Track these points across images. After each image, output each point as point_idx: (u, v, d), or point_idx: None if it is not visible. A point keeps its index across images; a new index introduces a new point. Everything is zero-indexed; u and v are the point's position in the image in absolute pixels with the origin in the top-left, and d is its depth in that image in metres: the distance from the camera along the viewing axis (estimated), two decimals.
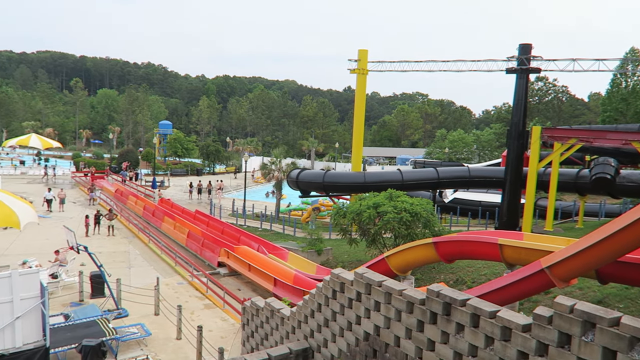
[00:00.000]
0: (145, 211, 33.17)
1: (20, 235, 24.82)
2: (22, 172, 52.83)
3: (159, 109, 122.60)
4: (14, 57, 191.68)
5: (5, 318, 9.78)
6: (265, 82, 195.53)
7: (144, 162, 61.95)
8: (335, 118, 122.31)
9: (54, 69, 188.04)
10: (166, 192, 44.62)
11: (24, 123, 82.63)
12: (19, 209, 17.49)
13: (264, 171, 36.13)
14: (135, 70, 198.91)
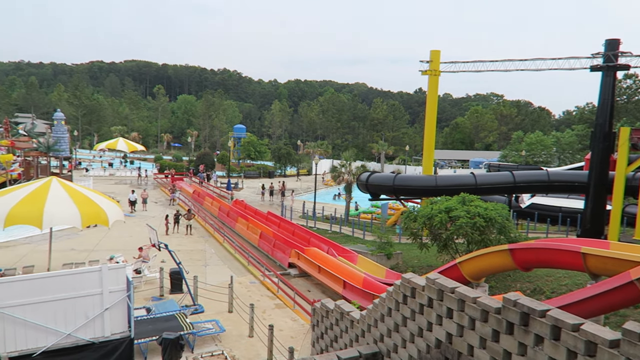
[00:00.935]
0: (220, 212, 34.50)
1: (108, 233, 26.69)
2: (110, 174, 56.80)
3: (234, 113, 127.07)
4: (104, 66, 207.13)
5: (96, 309, 10.59)
6: (335, 85, 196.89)
7: (220, 165, 64.48)
8: (405, 120, 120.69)
9: (139, 77, 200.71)
10: (240, 194, 46.16)
11: (113, 128, 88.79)
12: (108, 208, 18.86)
13: (334, 174, 36.36)
14: (212, 76, 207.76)
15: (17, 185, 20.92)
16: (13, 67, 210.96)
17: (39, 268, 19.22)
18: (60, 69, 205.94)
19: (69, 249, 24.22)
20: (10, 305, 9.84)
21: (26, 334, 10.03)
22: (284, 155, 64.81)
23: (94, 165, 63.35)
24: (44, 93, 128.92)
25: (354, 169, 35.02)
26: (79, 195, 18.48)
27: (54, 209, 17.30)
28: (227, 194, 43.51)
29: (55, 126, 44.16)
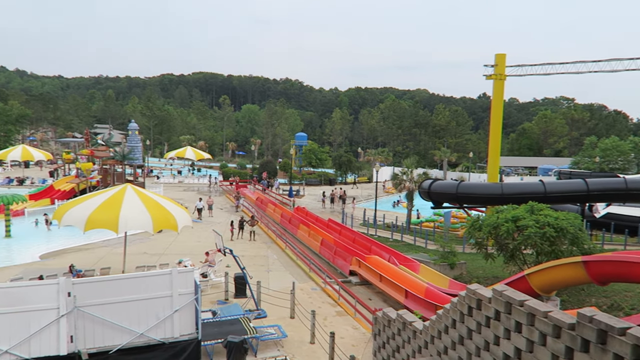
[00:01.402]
0: (282, 218, 35.10)
1: (177, 237, 27.87)
2: (179, 181, 59.38)
3: (295, 121, 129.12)
4: (174, 79, 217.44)
5: (166, 310, 11.09)
6: (396, 92, 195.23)
7: (282, 172, 65.67)
8: (469, 126, 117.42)
9: (206, 88, 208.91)
10: (301, 201, 46.74)
11: (181, 137, 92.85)
12: (177, 214, 19.71)
13: (395, 181, 35.99)
14: (275, 86, 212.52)
15: (96, 192, 22.38)
16: (93, 82, 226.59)
17: (115, 270, 20.42)
18: (135, 82, 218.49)
19: (141, 252, 25.52)
20: (90, 304, 10.53)
21: (103, 332, 10.68)
22: (344, 162, 64.96)
23: (164, 172, 66.43)
24: (120, 105, 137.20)
25: (416, 177, 34.49)
26: (151, 201, 19.47)
27: (129, 215, 18.34)
28: (288, 201, 44.20)
29: (130, 136, 46.81)
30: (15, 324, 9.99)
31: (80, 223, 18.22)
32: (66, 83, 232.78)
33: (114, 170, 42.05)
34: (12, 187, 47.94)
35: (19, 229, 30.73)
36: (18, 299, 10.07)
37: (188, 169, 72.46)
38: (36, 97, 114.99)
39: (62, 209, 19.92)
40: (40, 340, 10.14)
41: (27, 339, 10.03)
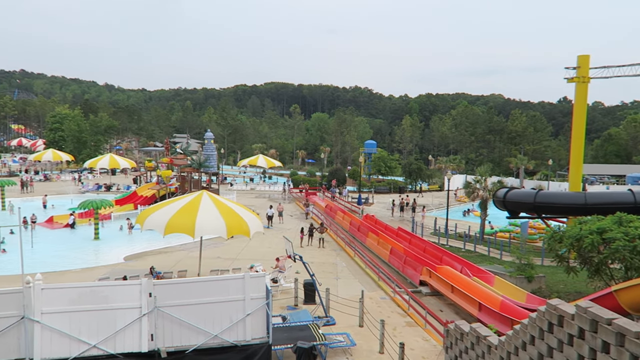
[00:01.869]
0: (351, 226, 35.08)
1: (249, 243, 28.67)
2: (251, 188, 61.15)
3: (365, 129, 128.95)
4: (247, 89, 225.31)
5: (238, 314, 11.42)
6: (469, 97, 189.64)
7: (351, 180, 65.71)
8: (548, 132, 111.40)
9: (277, 97, 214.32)
10: (370, 209, 46.49)
11: (254, 145, 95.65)
12: (250, 220, 20.28)
13: (468, 190, 34.86)
14: (344, 94, 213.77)
15: (175, 198, 23.54)
16: (173, 94, 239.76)
17: (191, 273, 21.34)
18: (210, 93, 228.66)
19: (215, 256, 26.50)
20: (169, 305, 11.07)
21: (180, 332, 11.18)
22: (414, 170, 63.90)
23: (237, 180, 68.69)
24: (197, 115, 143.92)
25: (490, 185, 33.20)
26: (225, 207, 20.20)
27: (204, 220, 19.14)
28: (357, 209, 44.12)
29: (206, 145, 48.95)
30: (102, 321, 10.72)
31: (160, 227, 19.25)
32: (149, 95, 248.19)
33: (191, 177, 44.08)
34: (100, 192, 51.63)
35: (106, 231, 33.01)
36: (105, 298, 10.80)
37: (260, 176, 74.43)
38: (122, 109, 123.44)
39: (144, 214, 21.16)
40: (124, 337, 10.79)
41: (113, 335, 10.72)
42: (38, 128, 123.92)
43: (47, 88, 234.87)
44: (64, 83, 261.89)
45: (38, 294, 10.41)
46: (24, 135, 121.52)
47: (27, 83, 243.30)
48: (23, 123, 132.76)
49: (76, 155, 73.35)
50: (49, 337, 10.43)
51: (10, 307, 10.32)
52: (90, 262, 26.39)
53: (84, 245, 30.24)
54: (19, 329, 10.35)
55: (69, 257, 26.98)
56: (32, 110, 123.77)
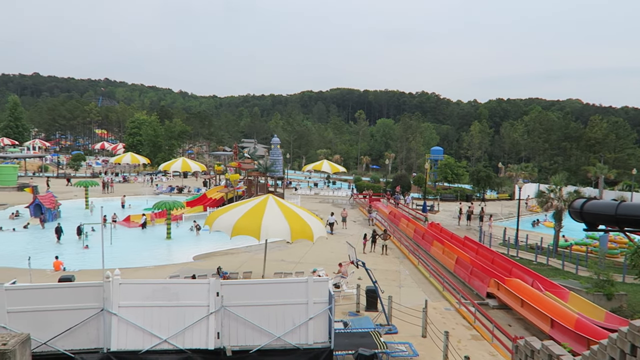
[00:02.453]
0: (415, 234, 34.48)
1: (312, 247, 28.94)
2: (315, 193, 61.74)
3: (431, 135, 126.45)
4: (313, 95, 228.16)
5: (301, 317, 11.56)
6: (543, 103, 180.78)
7: (415, 187, 64.62)
8: (632, 140, 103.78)
9: (343, 103, 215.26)
10: (435, 217, 45.47)
11: (318, 151, 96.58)
12: (313, 224, 20.47)
13: (541, 199, 33.19)
14: (410, 99, 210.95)
15: (242, 201, 24.25)
16: (242, 100, 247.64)
17: (255, 274, 21.86)
18: (278, 99, 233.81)
19: (279, 259, 26.98)
20: (235, 304, 11.41)
21: (245, 332, 11.47)
22: (483, 178, 61.75)
23: (302, 184, 69.62)
24: (264, 121, 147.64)
25: (565, 195, 31.42)
26: (290, 211, 20.53)
27: (270, 223, 19.56)
28: (422, 217, 43.30)
29: (272, 150, 50.04)
30: (172, 317, 11.23)
31: (228, 229, 19.89)
32: (219, 102, 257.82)
33: (258, 181, 45.20)
34: (173, 194, 54.19)
35: (177, 232, 34.58)
36: (176, 295, 11.31)
37: (324, 181, 75.00)
38: (195, 115, 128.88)
39: (213, 215, 21.96)
40: (192, 334, 11.24)
41: (182, 331, 11.19)
42: (119, 133, 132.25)
43: (128, 95, 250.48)
44: (143, 90, 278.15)
45: (116, 288, 11.09)
46: (106, 140, 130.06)
47: (110, 91, 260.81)
48: (106, 128, 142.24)
49: (152, 158, 77.51)
50: (125, 330, 11.07)
51: (92, 300, 11.06)
52: (162, 260, 27.76)
53: (157, 244, 31.85)
54: (98, 320, 11.06)
55: (143, 255, 28.52)
56: (114, 116, 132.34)
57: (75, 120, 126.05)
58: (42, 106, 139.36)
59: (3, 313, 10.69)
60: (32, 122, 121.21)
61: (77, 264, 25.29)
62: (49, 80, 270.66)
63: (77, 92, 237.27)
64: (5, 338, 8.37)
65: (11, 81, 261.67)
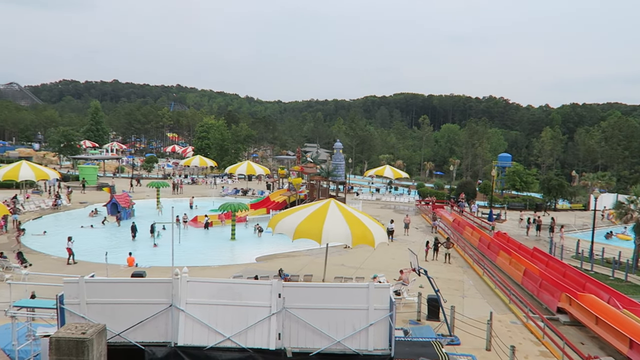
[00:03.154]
0: (480, 243, 33.37)
1: (373, 253, 28.76)
2: (377, 198, 61.32)
3: (498, 141, 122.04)
4: (376, 100, 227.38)
5: (362, 323, 11.51)
6: (623, 108, 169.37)
7: (481, 194, 62.52)
8: None
9: (406, 108, 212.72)
10: (502, 226, 43.78)
11: (381, 156, 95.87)
12: (375, 230, 20.37)
13: (620, 211, 31.09)
14: (477, 104, 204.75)
15: (304, 205, 24.57)
16: (305, 105, 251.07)
17: (316, 278, 22.03)
18: (341, 104, 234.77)
19: (339, 264, 27.03)
20: (296, 306, 11.56)
21: (305, 335, 11.59)
22: (554, 186, 58.65)
23: (364, 190, 69.39)
24: (327, 126, 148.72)
25: None
26: (351, 216, 20.55)
27: (331, 228, 19.67)
28: (488, 225, 41.84)
29: (335, 154, 50.29)
30: (236, 316, 11.55)
31: (290, 232, 20.21)
32: (284, 107, 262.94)
33: (320, 185, 45.57)
34: (238, 196, 55.78)
35: (241, 233, 35.55)
36: (240, 294, 11.64)
37: (386, 187, 74.35)
38: (260, 120, 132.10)
39: (276, 218, 22.40)
40: (254, 333, 11.51)
41: (245, 330, 11.48)
42: (188, 136, 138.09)
43: (197, 100, 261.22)
44: (211, 96, 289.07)
45: (184, 285, 11.57)
46: (177, 143, 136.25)
47: (181, 96, 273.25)
48: (177, 132, 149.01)
49: (219, 161, 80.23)
50: (191, 326, 11.52)
51: (161, 295, 11.61)
52: (226, 260, 28.66)
53: (221, 244, 32.93)
54: (167, 315, 11.59)
55: (209, 254, 29.59)
56: (184, 120, 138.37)
57: (149, 124, 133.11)
58: (120, 111, 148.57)
59: (83, 304, 11.46)
60: (110, 126, 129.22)
61: (148, 260, 26.65)
62: (126, 86, 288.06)
63: (151, 97, 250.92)
64: (84, 327, 8.98)
65: (93, 88, 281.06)
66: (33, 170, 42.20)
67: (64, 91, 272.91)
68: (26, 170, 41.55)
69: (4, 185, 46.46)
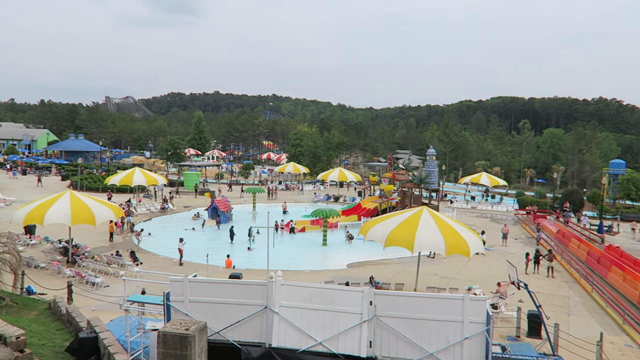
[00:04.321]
0: (588, 257, 30.77)
1: (468, 263, 27.68)
2: (472, 207, 58.93)
3: (610, 146, 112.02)
4: (472, 105, 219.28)
5: (456, 336, 11.11)
6: None
7: (589, 204, 57.66)
8: None
9: (504, 113, 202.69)
10: (614, 239, 40.01)
11: (476, 163, 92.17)
12: (470, 240, 19.62)
13: None
14: (584, 107, 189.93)
15: (395, 212, 24.30)
16: (397, 112, 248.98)
17: (407, 287, 21.65)
18: (434, 110, 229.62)
19: (432, 273, 26.33)
20: (387, 315, 11.45)
21: (397, 344, 11.43)
22: None
23: (458, 197, 67.06)
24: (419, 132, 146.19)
25: None
26: (445, 225, 19.97)
27: (424, 236, 19.27)
28: (598, 238, 38.46)
29: (428, 161, 49.19)
30: (327, 321, 11.70)
31: (381, 240, 20.09)
32: (375, 114, 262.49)
33: (412, 192, 44.79)
34: (329, 203, 56.53)
35: (333, 239, 35.95)
36: (331, 300, 11.78)
37: (482, 195, 71.25)
38: (351, 127, 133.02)
39: (367, 225, 22.39)
40: (345, 339, 11.57)
41: (336, 336, 11.59)
42: (283, 144, 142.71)
43: (292, 109, 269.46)
44: (305, 104, 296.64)
45: (278, 288, 11.96)
46: (272, 150, 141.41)
47: (276, 105, 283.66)
48: (272, 140, 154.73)
49: (311, 168, 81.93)
50: (285, 328, 11.86)
51: (257, 297, 12.09)
52: (318, 265, 29.14)
53: (313, 249, 33.53)
54: (262, 316, 12.04)
55: (301, 259, 30.28)
56: (279, 128, 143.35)
57: (246, 132, 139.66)
58: (220, 120, 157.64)
59: (186, 302, 12.27)
60: (212, 135, 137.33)
61: (244, 263, 27.87)
62: (226, 97, 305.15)
63: (248, 107, 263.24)
64: (188, 324, 9.61)
65: (197, 99, 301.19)
66: (144, 176, 45.99)
67: (171, 103, 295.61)
68: (139, 176, 45.38)
69: (120, 190, 51.16)
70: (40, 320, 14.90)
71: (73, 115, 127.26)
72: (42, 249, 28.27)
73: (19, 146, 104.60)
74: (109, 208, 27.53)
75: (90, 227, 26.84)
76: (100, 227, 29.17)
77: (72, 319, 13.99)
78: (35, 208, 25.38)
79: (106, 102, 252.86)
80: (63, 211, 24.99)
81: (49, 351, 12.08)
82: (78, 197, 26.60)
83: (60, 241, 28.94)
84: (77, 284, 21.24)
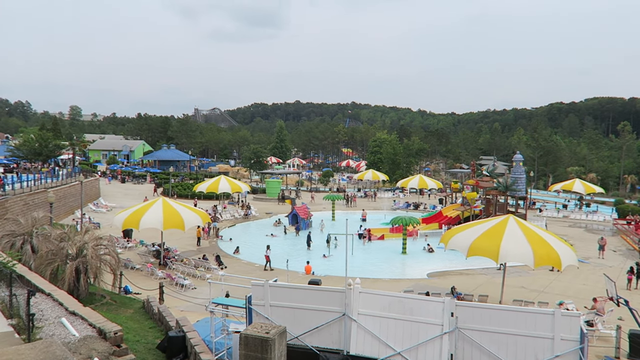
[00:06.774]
0: None
1: (559, 276, 25.92)
2: (564, 216, 55.19)
3: None
4: (563, 107, 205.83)
5: (545, 353, 10.40)
6: None
7: None
8: None
9: (601, 115, 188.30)
10: None
11: (569, 169, 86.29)
12: (562, 251, 18.36)
13: None
14: None
15: (479, 221, 23.34)
16: (481, 116, 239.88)
17: (492, 299, 20.64)
18: (521, 113, 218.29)
19: (519, 285, 24.93)
20: (469, 328, 10.99)
21: (480, 359, 10.91)
22: None
23: (548, 206, 63.13)
24: (505, 137, 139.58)
25: None
26: (533, 234, 18.84)
27: (510, 246, 18.30)
28: None
29: (514, 167, 46.79)
30: (406, 331, 11.45)
31: (464, 249, 19.35)
32: (457, 119, 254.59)
33: (497, 200, 42.82)
34: (409, 210, 55.54)
35: (412, 247, 35.23)
36: (411, 310, 11.52)
37: (575, 203, 66.51)
38: (432, 133, 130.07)
39: (449, 234, 21.69)
40: (425, 351, 11.25)
41: (415, 347, 11.31)
42: (362, 151, 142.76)
43: (371, 116, 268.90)
44: (384, 111, 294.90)
45: (356, 296, 11.90)
46: (351, 158, 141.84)
47: (355, 113, 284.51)
48: (351, 147, 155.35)
49: (390, 175, 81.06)
50: (363, 336, 11.77)
51: (335, 304, 12.12)
52: (397, 274, 28.69)
53: (393, 257, 33.05)
54: (340, 323, 12.04)
55: (380, 267, 29.97)
56: (358, 136, 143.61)
57: (326, 140, 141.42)
58: (300, 129, 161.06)
59: (267, 306, 12.58)
60: (292, 143, 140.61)
61: (323, 269, 28.08)
62: (306, 106, 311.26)
63: (328, 115, 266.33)
64: (268, 327, 9.84)
65: (279, 109, 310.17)
66: (229, 184, 47.96)
67: (254, 113, 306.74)
68: (224, 184, 47.42)
69: (207, 197, 53.77)
70: (135, 318, 16.00)
71: (166, 126, 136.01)
72: (138, 252, 30.41)
73: (119, 156, 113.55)
74: (197, 214, 29.04)
75: (180, 231, 28.44)
76: (189, 232, 30.80)
77: (163, 318, 14.88)
78: (132, 213, 27.37)
79: (195, 114, 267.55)
80: (156, 217, 26.73)
81: (142, 347, 12.92)
82: (169, 203, 28.32)
83: (153, 244, 30.98)
84: (167, 285, 22.60)
